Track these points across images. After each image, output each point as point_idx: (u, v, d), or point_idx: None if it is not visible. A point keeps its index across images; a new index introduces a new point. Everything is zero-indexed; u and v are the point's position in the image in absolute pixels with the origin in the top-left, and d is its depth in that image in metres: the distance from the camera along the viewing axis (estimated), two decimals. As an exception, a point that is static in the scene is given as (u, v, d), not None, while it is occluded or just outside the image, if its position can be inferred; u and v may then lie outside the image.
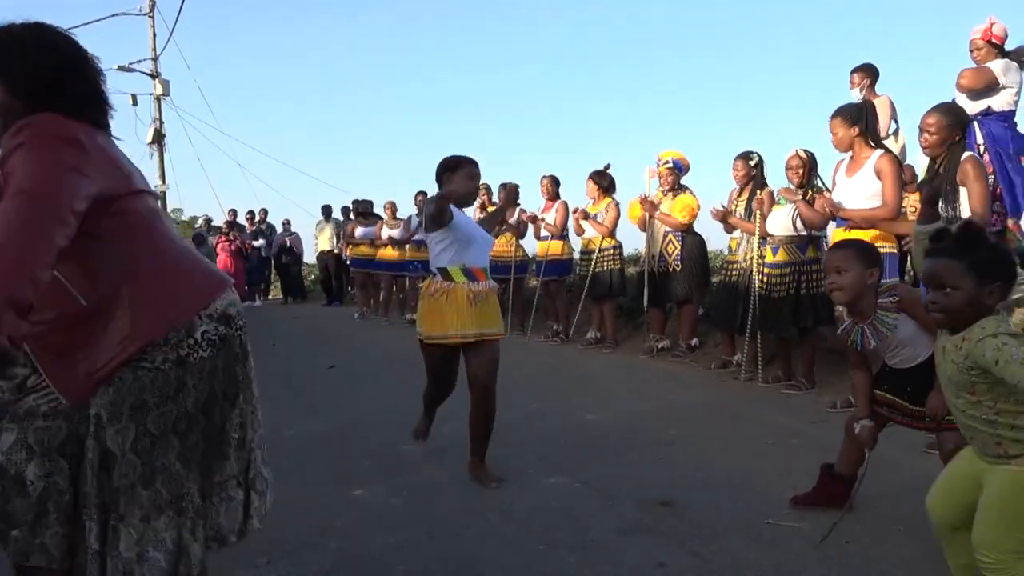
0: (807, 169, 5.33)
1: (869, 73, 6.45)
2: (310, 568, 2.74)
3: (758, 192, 5.76)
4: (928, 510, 2.20)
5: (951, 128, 4.11)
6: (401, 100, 65.91)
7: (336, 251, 14.18)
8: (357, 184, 78.48)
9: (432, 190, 4.03)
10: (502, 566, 2.71)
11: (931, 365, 2.32)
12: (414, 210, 10.74)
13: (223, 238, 13.64)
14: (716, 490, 3.38)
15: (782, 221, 5.36)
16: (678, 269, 6.78)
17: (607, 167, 7.95)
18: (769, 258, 5.48)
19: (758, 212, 5.56)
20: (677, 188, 6.94)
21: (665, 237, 6.90)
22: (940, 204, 4.04)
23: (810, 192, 5.27)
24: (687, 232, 6.84)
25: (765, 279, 5.49)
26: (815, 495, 3.11)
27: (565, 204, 8.32)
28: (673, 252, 6.83)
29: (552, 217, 8.31)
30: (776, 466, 3.69)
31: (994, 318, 1.97)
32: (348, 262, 12.65)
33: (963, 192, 4.09)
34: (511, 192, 4.32)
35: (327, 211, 14.22)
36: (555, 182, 8.46)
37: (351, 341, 9.41)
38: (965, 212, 4.05)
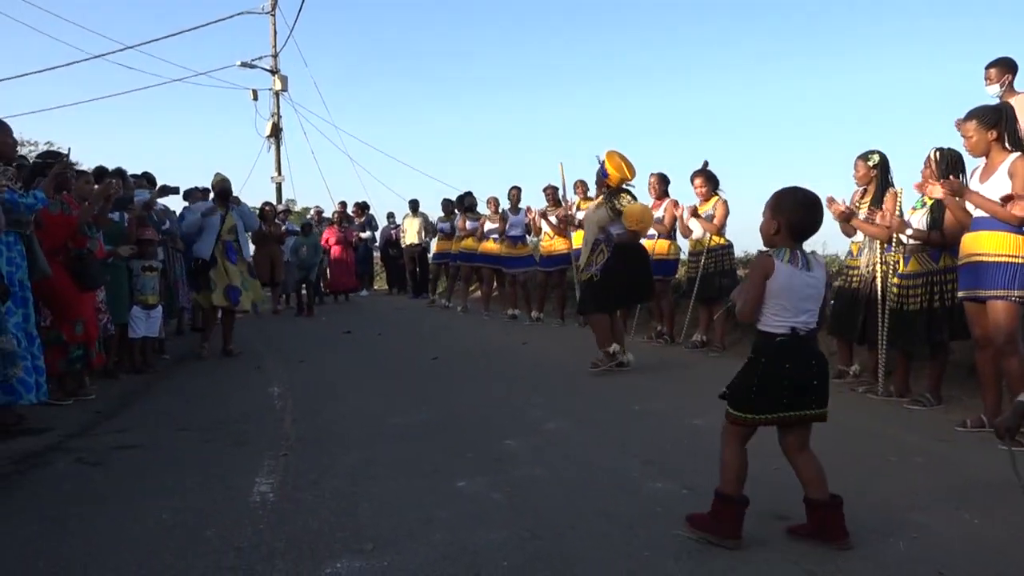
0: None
1: (1008, 68, 5.97)
2: (414, 559, 2.74)
3: (888, 192, 5.45)
4: None
5: None
6: (508, 95, 66.15)
7: (423, 245, 14.50)
8: (461, 179, 79.20)
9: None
10: (607, 570, 2.63)
11: None
12: (508, 204, 10.83)
13: (334, 229, 14.01)
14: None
15: (915, 226, 5.04)
16: (596, 278, 6.37)
17: (706, 164, 7.75)
18: (902, 268, 5.16)
19: (891, 215, 5.19)
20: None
21: (596, 246, 6.47)
22: None
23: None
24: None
25: (896, 290, 5.17)
26: (811, 527, 2.84)
27: (675, 202, 8.12)
28: (599, 260, 6.39)
29: (660, 215, 8.14)
30: (899, 485, 3.47)
31: None
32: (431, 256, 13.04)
33: None
34: None
35: (415, 205, 14.46)
36: (663, 180, 8.28)
37: (453, 334, 9.51)
38: None
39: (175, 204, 8.47)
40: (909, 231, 5.01)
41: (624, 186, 6.49)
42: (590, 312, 6.54)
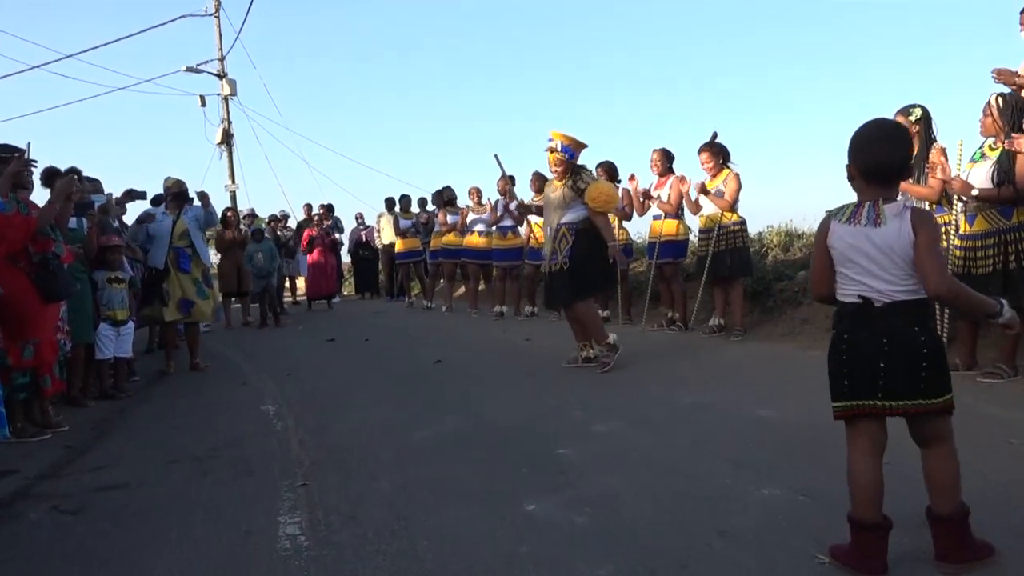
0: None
1: None
2: (515, 612, 2.14)
3: (933, 149, 4.99)
4: None
5: None
6: (467, 90, 65.11)
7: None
8: (422, 177, 77.92)
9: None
10: (768, 612, 2.07)
11: None
12: (497, 196, 10.18)
13: (313, 231, 13.35)
14: (984, 502, 2.66)
15: (978, 180, 4.59)
16: (564, 267, 5.79)
17: (715, 136, 7.25)
18: (964, 229, 4.71)
19: (944, 173, 4.76)
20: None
21: (559, 231, 5.85)
22: None
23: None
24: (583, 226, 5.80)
25: (960, 253, 4.71)
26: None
27: (680, 179, 7.60)
28: (563, 248, 5.79)
29: (665, 194, 7.62)
30: (1046, 472, 2.97)
31: None
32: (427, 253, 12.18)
33: None
34: None
35: (390, 203, 13.65)
36: (667, 156, 7.76)
37: (446, 335, 8.87)
38: None
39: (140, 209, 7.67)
40: (975, 192, 4.56)
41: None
42: (569, 305, 5.92)
